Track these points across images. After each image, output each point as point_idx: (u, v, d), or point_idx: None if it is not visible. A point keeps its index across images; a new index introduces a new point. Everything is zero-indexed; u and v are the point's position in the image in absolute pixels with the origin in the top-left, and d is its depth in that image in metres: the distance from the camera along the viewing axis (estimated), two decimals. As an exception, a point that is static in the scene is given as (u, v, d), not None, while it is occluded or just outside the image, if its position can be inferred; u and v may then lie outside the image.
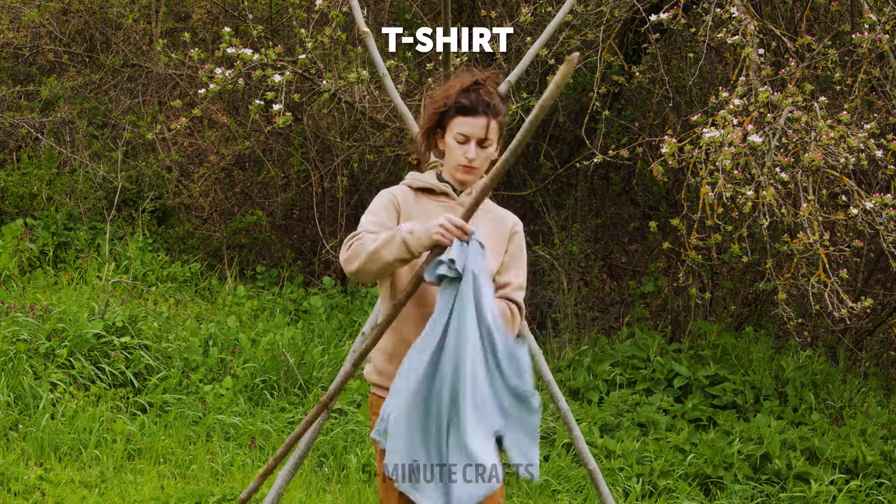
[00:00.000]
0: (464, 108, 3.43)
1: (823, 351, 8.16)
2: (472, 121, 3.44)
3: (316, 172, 8.75)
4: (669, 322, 8.50)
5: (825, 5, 7.28)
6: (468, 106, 3.43)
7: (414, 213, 3.51)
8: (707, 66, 8.16)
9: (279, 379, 6.57)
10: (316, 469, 5.92)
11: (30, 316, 6.56)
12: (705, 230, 6.62)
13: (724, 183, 5.82)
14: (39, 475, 5.35)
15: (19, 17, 8.71)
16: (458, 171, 3.51)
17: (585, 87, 8.04)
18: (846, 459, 6.55)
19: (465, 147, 3.47)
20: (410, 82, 7.66)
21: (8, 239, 7.88)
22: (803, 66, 6.55)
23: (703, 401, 7.12)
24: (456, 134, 3.46)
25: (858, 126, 6.35)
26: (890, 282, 8.99)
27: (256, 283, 8.44)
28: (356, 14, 4.86)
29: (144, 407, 6.21)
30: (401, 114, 4.80)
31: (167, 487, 5.42)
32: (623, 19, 7.42)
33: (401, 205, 3.52)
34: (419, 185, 3.57)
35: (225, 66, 6.67)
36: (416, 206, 3.54)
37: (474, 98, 3.44)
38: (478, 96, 3.44)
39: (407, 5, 8.51)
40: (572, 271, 8.55)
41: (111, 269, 7.74)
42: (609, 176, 9.22)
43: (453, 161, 3.50)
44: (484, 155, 3.48)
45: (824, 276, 6.15)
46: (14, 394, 5.98)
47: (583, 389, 7.15)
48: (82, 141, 8.66)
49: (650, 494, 6.17)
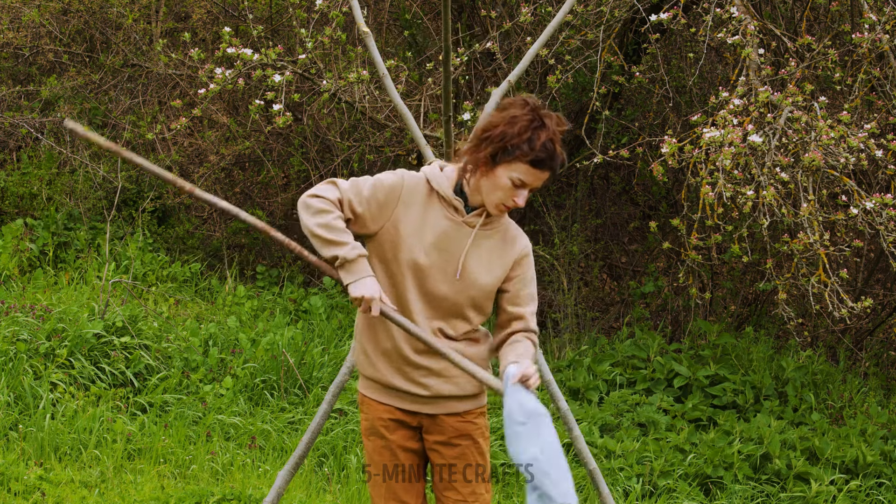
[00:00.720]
0: (538, 161, 3.31)
1: (823, 351, 8.16)
2: (538, 173, 3.33)
3: (316, 172, 8.75)
4: (669, 322, 8.50)
5: (825, 5, 7.28)
6: (543, 160, 3.31)
7: (415, 212, 3.43)
8: (707, 66, 8.16)
9: (279, 379, 6.57)
10: (316, 469, 5.92)
11: (30, 316, 6.56)
12: (705, 230, 6.61)
13: (724, 183, 5.82)
14: (39, 475, 5.35)
15: (19, 17, 8.71)
16: (496, 208, 3.40)
17: (585, 87, 8.04)
18: (846, 459, 6.55)
19: (517, 191, 3.36)
20: (410, 82, 7.66)
21: (8, 239, 7.89)
22: (803, 66, 6.55)
23: (703, 401, 7.12)
24: (514, 176, 3.33)
25: (858, 126, 6.35)
26: (890, 282, 8.99)
27: (256, 283, 8.44)
28: (356, 14, 4.86)
29: (144, 407, 6.21)
30: (401, 114, 4.80)
31: (167, 487, 5.42)
32: (623, 19, 7.42)
33: (404, 198, 3.43)
34: (436, 187, 3.47)
35: (225, 66, 6.67)
36: (422, 206, 3.44)
37: (551, 154, 3.31)
38: (554, 153, 3.31)
39: (407, 5, 8.51)
40: (572, 271, 8.55)
41: (111, 269, 7.74)
42: (609, 176, 9.22)
43: (497, 197, 3.38)
44: (526, 197, 3.39)
45: (824, 276, 6.15)
46: (14, 394, 5.98)
47: (583, 389, 7.15)
48: (82, 141, 8.66)
49: (650, 494, 6.17)
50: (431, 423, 3.57)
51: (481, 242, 3.46)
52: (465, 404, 3.57)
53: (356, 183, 3.42)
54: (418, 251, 3.42)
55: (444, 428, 3.56)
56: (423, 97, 7.28)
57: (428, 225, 3.43)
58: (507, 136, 3.31)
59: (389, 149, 8.25)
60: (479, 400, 3.60)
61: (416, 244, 3.42)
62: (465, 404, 3.57)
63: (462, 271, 3.44)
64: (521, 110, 3.33)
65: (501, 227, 3.51)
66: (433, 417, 3.56)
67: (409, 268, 3.43)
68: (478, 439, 3.59)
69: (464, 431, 3.57)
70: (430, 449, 3.60)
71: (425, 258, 3.42)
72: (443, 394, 3.53)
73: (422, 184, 3.46)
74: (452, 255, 3.45)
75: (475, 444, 3.59)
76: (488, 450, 3.65)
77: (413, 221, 3.43)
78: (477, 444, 3.59)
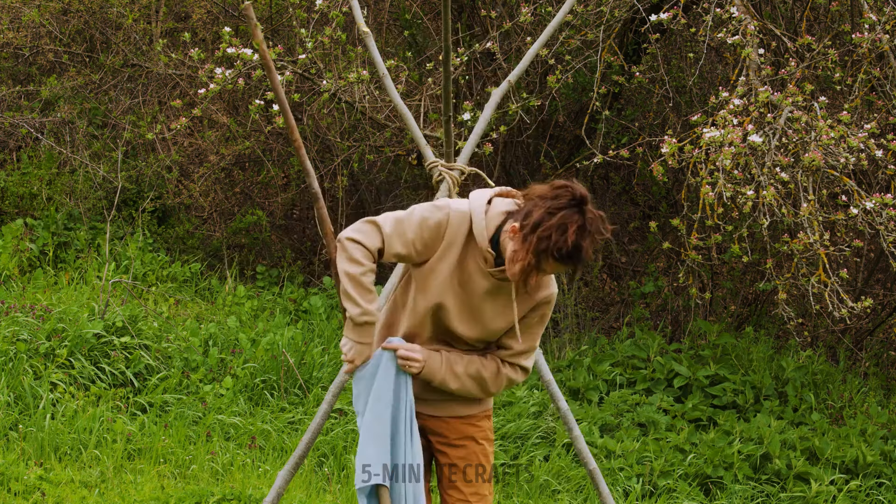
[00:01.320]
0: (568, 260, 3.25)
1: (823, 351, 8.16)
2: (562, 267, 3.31)
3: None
4: (669, 322, 8.49)
5: (825, 5, 7.28)
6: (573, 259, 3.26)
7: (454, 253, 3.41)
8: (707, 66, 8.16)
9: (279, 379, 6.57)
10: (316, 469, 5.91)
11: (30, 316, 6.56)
12: (705, 230, 6.61)
13: (724, 183, 5.82)
14: (39, 475, 5.35)
15: (19, 17, 8.70)
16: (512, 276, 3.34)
17: (585, 87, 8.04)
18: (846, 459, 6.55)
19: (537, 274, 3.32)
20: (410, 82, 7.66)
21: (8, 239, 7.88)
22: (803, 66, 6.55)
23: (703, 401, 7.12)
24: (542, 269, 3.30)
25: (858, 126, 6.35)
26: (890, 282, 8.99)
27: (256, 283, 8.44)
28: (356, 14, 4.86)
29: (144, 407, 6.21)
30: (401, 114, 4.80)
31: (167, 487, 5.42)
32: (623, 19, 7.43)
33: (448, 237, 3.39)
34: (475, 232, 3.40)
35: (225, 66, 6.67)
36: (462, 247, 3.41)
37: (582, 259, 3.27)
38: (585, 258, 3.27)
39: (407, 5, 8.51)
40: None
41: (111, 269, 7.74)
42: (609, 176, 9.22)
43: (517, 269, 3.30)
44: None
45: (824, 276, 6.15)
46: (14, 394, 5.98)
47: (583, 389, 7.15)
48: (82, 141, 8.66)
49: (650, 494, 6.17)
50: (437, 425, 3.63)
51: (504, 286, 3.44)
52: (470, 408, 3.64)
53: (400, 223, 3.39)
54: (447, 295, 3.43)
55: (450, 430, 3.63)
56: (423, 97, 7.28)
57: (462, 266, 3.44)
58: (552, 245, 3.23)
59: (389, 149, 8.25)
60: (484, 404, 3.67)
61: (448, 289, 3.42)
62: (470, 408, 3.64)
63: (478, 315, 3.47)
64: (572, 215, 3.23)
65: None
66: (439, 419, 3.62)
67: (434, 306, 3.46)
68: (482, 441, 3.65)
69: (468, 433, 3.63)
70: (436, 449, 3.66)
71: (451, 301, 3.44)
72: (448, 399, 3.60)
73: (465, 223, 3.41)
74: (475, 300, 3.45)
75: (479, 445, 3.65)
76: (492, 452, 3.72)
77: (450, 263, 3.42)
78: (481, 445, 3.65)
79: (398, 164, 8.78)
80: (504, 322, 3.48)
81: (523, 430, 6.38)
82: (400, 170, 8.77)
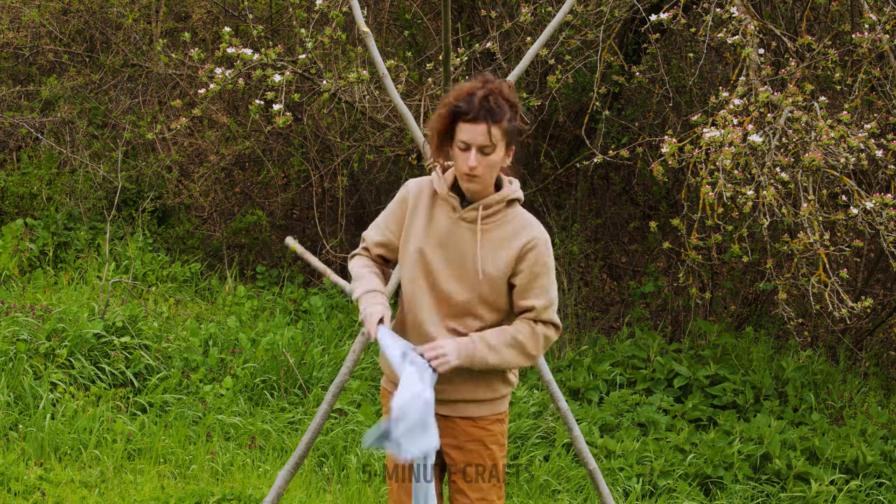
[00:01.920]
0: (461, 112, 3.32)
1: (823, 351, 8.16)
2: (471, 127, 3.32)
3: (316, 172, 8.75)
4: (669, 322, 8.50)
5: (825, 5, 7.28)
6: (465, 111, 3.31)
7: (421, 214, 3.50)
8: (707, 66, 8.16)
9: (279, 379, 6.57)
10: (316, 469, 5.92)
11: (30, 316, 6.56)
12: (705, 230, 6.62)
13: (725, 183, 5.82)
14: (39, 475, 5.35)
15: (19, 17, 8.70)
16: (463, 180, 3.41)
17: (585, 87, 8.05)
18: (846, 459, 6.55)
19: (466, 154, 3.35)
20: (410, 82, 7.66)
21: (8, 239, 7.89)
22: (803, 66, 6.55)
23: (703, 401, 7.12)
24: (458, 142, 3.36)
25: (858, 126, 6.35)
26: (890, 282, 8.99)
27: (256, 283, 8.44)
28: (356, 14, 4.87)
29: (144, 407, 6.21)
30: (401, 114, 4.81)
31: (167, 487, 5.42)
32: (623, 19, 7.43)
33: (411, 202, 3.52)
34: (436, 187, 3.51)
35: (225, 66, 6.67)
36: (427, 208, 3.51)
37: (472, 103, 3.31)
38: (476, 101, 3.30)
39: (407, 5, 8.51)
40: (572, 271, 8.55)
41: (111, 269, 7.74)
42: (609, 176, 9.22)
43: (458, 170, 3.41)
44: (486, 162, 3.35)
45: (824, 275, 6.15)
46: (14, 394, 5.98)
47: (583, 389, 7.15)
48: (82, 141, 8.66)
49: (650, 494, 6.17)
50: (446, 426, 3.58)
51: (487, 235, 3.46)
52: (480, 409, 3.59)
53: (377, 220, 3.64)
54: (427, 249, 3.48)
55: (458, 432, 3.59)
56: (423, 97, 7.27)
57: (433, 225, 3.48)
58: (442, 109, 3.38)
59: (389, 149, 8.25)
60: (495, 406, 3.62)
61: (421, 242, 3.49)
62: (480, 409, 3.59)
63: (468, 267, 3.46)
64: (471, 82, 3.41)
65: (509, 218, 3.49)
66: (448, 419, 3.58)
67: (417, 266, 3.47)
68: (490, 445, 3.61)
69: (476, 437, 3.60)
70: (444, 451, 3.62)
71: (431, 255, 3.47)
72: (457, 398, 3.56)
73: (427, 186, 3.53)
74: (457, 253, 3.47)
75: (487, 449, 3.60)
76: (503, 456, 3.66)
77: (420, 223, 3.50)
78: (489, 450, 3.61)
79: (398, 164, 8.78)
80: (496, 270, 3.44)
81: (523, 430, 6.38)
82: (400, 170, 8.76)
